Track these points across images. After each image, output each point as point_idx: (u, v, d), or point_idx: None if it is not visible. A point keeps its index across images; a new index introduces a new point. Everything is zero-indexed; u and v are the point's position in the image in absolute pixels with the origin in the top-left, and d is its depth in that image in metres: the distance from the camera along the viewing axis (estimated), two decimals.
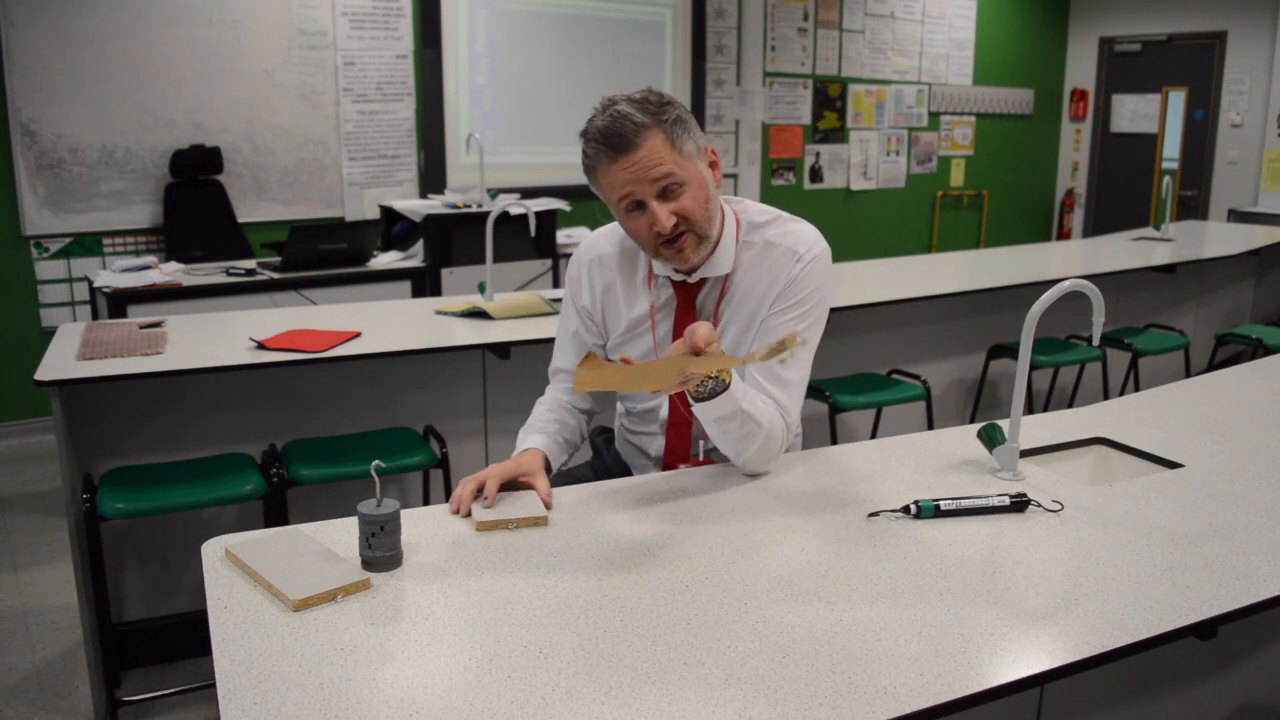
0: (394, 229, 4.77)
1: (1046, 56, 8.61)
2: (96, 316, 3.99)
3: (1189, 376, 3.01)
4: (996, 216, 8.56)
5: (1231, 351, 4.91)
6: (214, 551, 1.50)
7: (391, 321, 3.21)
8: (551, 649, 1.24)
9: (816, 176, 7.51)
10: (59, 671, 2.80)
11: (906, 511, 1.65)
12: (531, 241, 4.65)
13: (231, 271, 4.08)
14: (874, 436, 3.89)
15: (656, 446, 2.01)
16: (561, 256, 4.85)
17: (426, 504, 2.86)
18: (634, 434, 2.06)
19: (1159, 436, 2.08)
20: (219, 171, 5.08)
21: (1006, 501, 1.67)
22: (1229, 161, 7.73)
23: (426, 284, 4.42)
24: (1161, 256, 4.82)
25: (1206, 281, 5.33)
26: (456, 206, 4.60)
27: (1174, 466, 1.93)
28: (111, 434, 2.78)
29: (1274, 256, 5.68)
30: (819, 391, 3.37)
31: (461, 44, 5.86)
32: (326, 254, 4.18)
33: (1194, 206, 7.91)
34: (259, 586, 1.39)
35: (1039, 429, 2.11)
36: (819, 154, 7.48)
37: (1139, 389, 3.95)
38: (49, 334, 3.29)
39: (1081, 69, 8.64)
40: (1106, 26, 8.43)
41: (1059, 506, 1.69)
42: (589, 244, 2.01)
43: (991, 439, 1.86)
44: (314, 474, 2.63)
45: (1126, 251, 5.01)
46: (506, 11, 5.98)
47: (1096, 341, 1.86)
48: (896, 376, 3.66)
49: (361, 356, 2.80)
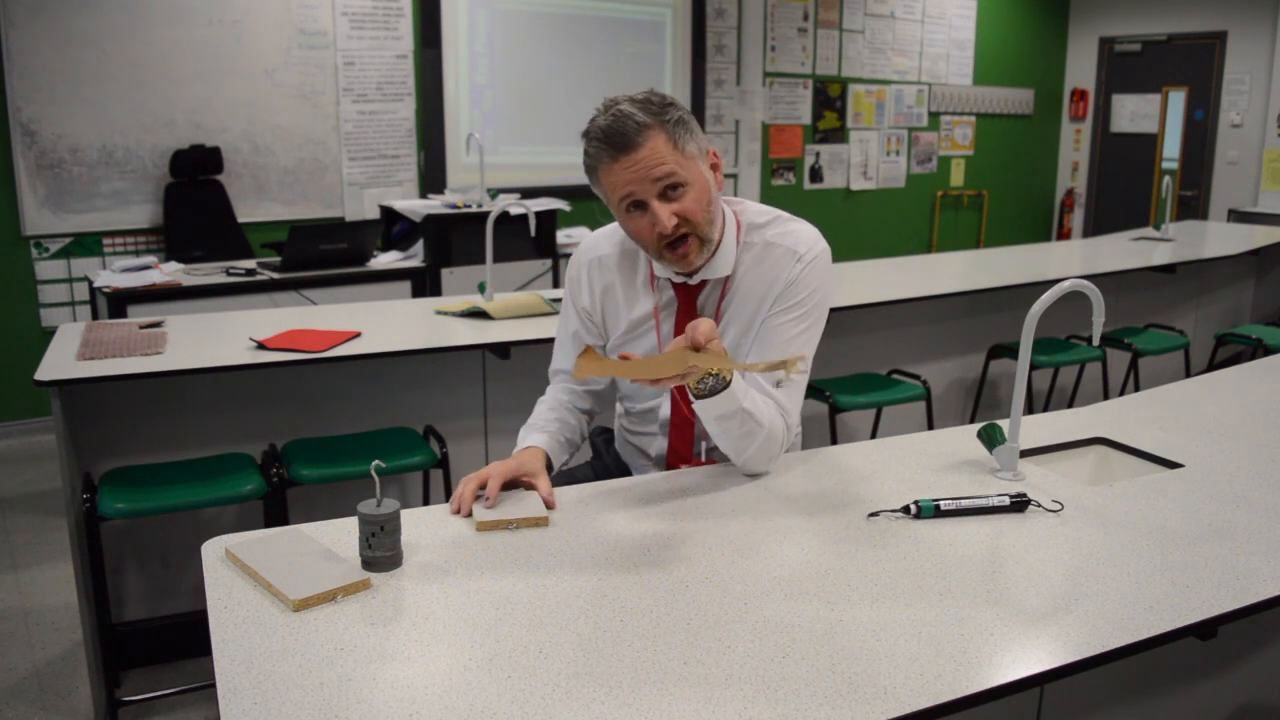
0: (394, 229, 4.77)
1: (1046, 56, 8.61)
2: (96, 316, 3.99)
3: (1189, 376, 3.01)
4: (996, 216, 8.55)
5: (1231, 351, 4.91)
6: (214, 551, 1.50)
7: (391, 321, 3.21)
8: (551, 649, 1.24)
9: (816, 176, 7.51)
10: (59, 671, 2.80)
11: (906, 511, 1.65)
12: (531, 241, 4.65)
13: (231, 271, 4.08)
14: (874, 436, 3.90)
15: (656, 447, 2.01)
16: (561, 257, 4.85)
17: (426, 504, 2.86)
18: (633, 434, 2.06)
19: (1159, 436, 2.08)
20: (219, 171, 5.08)
21: (1006, 501, 1.67)
22: (1229, 161, 7.73)
23: (426, 284, 4.42)
24: (1161, 256, 4.82)
25: (1206, 281, 5.33)
26: (456, 206, 4.60)
27: (1174, 466, 1.93)
28: (111, 434, 2.78)
29: (1274, 256, 5.68)
30: (819, 391, 3.37)
31: (461, 44, 5.86)
32: (326, 254, 4.18)
33: (1194, 206, 7.91)
34: (259, 586, 1.39)
35: (1039, 429, 2.11)
36: (819, 154, 7.48)
37: (1139, 389, 3.95)
38: (49, 334, 3.29)
39: (1081, 69, 8.63)
40: (1106, 26, 8.43)
41: (1059, 506, 1.69)
42: (589, 245, 2.01)
43: (991, 439, 1.86)
44: (314, 474, 2.63)
45: (1126, 251, 5.01)
46: (506, 11, 5.98)
47: (1096, 341, 1.86)
48: (896, 376, 3.66)
49: (361, 356, 2.81)
